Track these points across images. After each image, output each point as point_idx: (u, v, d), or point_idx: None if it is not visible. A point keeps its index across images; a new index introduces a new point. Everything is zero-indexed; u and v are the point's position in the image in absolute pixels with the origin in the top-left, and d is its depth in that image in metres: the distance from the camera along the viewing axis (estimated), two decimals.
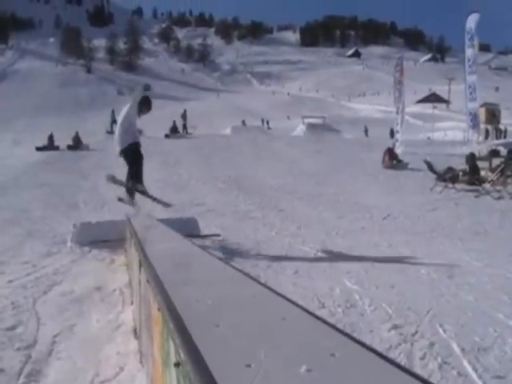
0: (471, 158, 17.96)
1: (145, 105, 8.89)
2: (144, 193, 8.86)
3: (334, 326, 1.72)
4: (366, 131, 53.93)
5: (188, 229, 8.11)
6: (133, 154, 8.70)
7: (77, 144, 33.57)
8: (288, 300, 2.11)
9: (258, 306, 2.06)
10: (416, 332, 4.53)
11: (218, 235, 9.15)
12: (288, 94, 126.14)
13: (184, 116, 46.55)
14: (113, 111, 43.51)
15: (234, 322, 1.80)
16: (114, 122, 42.46)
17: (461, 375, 3.65)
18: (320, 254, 8.17)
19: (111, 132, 40.57)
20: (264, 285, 2.49)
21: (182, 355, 1.53)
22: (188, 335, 1.60)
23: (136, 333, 4.07)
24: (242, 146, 30.73)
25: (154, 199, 9.03)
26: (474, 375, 3.62)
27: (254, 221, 11.33)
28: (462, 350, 4.10)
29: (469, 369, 3.73)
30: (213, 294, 2.20)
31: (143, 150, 8.72)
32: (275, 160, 25.16)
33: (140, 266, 3.57)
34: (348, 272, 6.89)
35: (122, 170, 8.60)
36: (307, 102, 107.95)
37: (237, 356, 1.47)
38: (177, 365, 1.62)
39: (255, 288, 2.38)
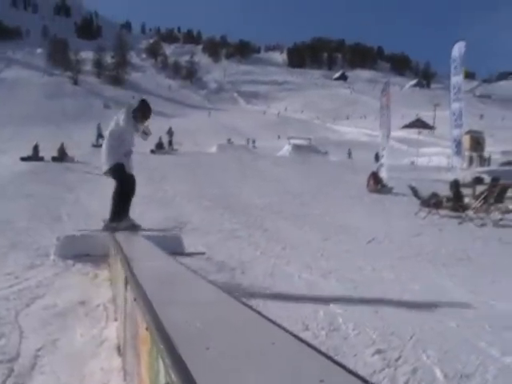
0: (455, 185, 18.10)
1: (141, 112, 8.60)
2: (135, 227, 8.62)
3: (323, 353, 1.72)
4: (350, 154, 54.28)
5: (172, 246, 8.06)
6: (121, 179, 8.45)
7: (62, 156, 33.35)
8: (276, 324, 2.11)
9: (247, 329, 2.06)
10: (399, 357, 4.53)
11: (203, 253, 9.11)
12: (278, 114, 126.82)
13: (170, 132, 46.62)
14: (99, 125, 43.45)
15: (224, 345, 1.80)
16: (99, 135, 42.42)
17: None
18: (304, 276, 8.16)
19: (97, 145, 40.49)
20: (251, 307, 2.49)
21: (172, 376, 1.52)
22: (178, 357, 1.60)
23: (120, 350, 4.04)
24: (228, 164, 30.80)
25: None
26: None
27: (239, 240, 11.30)
28: (445, 376, 4.11)
29: None
30: (201, 316, 2.20)
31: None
32: (261, 179, 25.23)
33: (126, 283, 3.55)
34: (332, 295, 6.89)
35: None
36: (293, 122, 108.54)
37: (227, 380, 1.47)
38: None
39: (243, 311, 2.38)
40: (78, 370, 3.84)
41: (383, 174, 25.73)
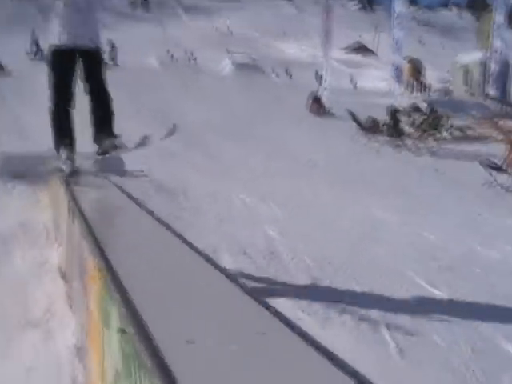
0: (393, 112, 18.36)
1: None
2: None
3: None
4: (289, 74, 53.73)
5: (114, 166, 7.99)
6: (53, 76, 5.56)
7: None
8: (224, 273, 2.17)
9: (195, 275, 2.14)
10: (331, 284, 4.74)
11: (142, 171, 9.00)
12: (228, 29, 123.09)
13: (112, 46, 44.88)
14: (33, 31, 41.28)
15: (177, 296, 1.87)
16: (35, 43, 40.43)
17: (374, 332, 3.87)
18: (244, 198, 8.29)
19: (31, 53, 38.85)
20: (200, 252, 2.47)
21: (126, 322, 1.59)
22: (133, 307, 1.64)
23: (62, 272, 4.06)
24: (170, 80, 30.08)
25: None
26: (386, 333, 3.82)
27: (180, 160, 11.23)
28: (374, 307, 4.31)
29: (382, 325, 3.95)
30: (154, 262, 2.25)
31: None
32: (203, 97, 24.79)
33: (69, 212, 3.55)
34: (271, 219, 7.06)
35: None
36: (236, 38, 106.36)
37: (180, 329, 1.54)
38: (120, 331, 1.66)
39: (193, 256, 2.37)
40: (22, 295, 3.86)
41: (325, 99, 25.71)
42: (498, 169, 11.43)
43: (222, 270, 2.13)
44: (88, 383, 2.53)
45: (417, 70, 33.40)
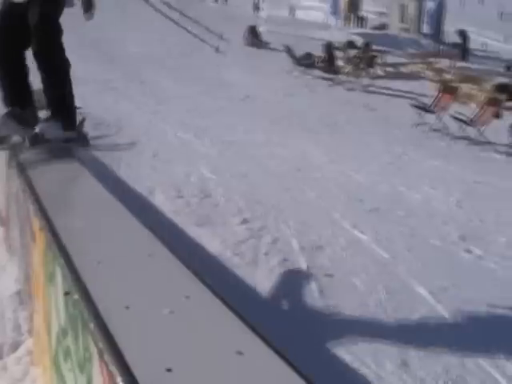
0: (328, 47, 18.36)
1: None
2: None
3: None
4: None
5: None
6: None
7: None
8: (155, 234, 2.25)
9: (134, 240, 2.21)
10: (263, 227, 4.92)
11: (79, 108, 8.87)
12: None
13: None
14: None
15: (115, 257, 1.98)
16: None
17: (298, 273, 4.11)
18: (179, 135, 8.33)
19: None
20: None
21: (70, 286, 1.72)
22: (75, 270, 1.76)
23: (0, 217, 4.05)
24: (105, 4, 28.87)
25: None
26: (309, 275, 4.02)
27: (114, 92, 11.06)
28: (301, 246, 4.53)
29: (303, 265, 4.19)
30: (95, 227, 2.29)
31: None
32: (141, 24, 23.99)
33: (7, 160, 3.52)
34: (204, 157, 7.18)
35: None
36: None
37: (120, 291, 1.69)
38: (65, 293, 1.81)
39: (131, 223, 2.40)
40: None
41: (262, 29, 25.31)
42: (426, 110, 11.76)
43: (161, 238, 2.20)
44: (31, 330, 2.63)
45: (354, 3, 33.25)
